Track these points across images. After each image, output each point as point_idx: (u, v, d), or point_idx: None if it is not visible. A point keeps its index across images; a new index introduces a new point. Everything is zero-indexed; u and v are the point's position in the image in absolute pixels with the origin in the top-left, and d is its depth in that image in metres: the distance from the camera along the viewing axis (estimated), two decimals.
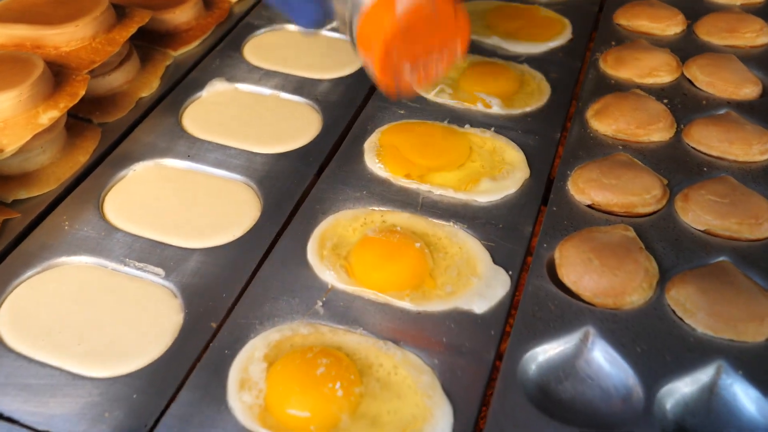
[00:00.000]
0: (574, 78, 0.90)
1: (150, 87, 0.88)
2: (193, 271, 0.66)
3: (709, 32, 0.97)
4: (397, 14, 0.55)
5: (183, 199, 0.74)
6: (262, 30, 1.00)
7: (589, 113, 0.84)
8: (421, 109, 0.84)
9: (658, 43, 0.95)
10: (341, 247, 0.68)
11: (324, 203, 0.73)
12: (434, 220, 0.71)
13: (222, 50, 0.95)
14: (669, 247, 0.68)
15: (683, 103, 0.85)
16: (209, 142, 0.80)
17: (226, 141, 0.80)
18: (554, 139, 0.81)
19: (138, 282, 0.65)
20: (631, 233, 0.68)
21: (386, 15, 0.55)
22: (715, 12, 1.01)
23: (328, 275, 0.66)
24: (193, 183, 0.76)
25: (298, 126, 0.83)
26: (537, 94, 0.87)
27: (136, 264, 0.67)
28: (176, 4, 0.97)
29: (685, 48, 0.94)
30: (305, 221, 0.71)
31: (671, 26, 0.98)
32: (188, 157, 0.79)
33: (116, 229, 0.70)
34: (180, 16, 0.97)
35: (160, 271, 0.66)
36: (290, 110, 0.85)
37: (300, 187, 0.75)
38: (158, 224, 0.71)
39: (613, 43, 0.96)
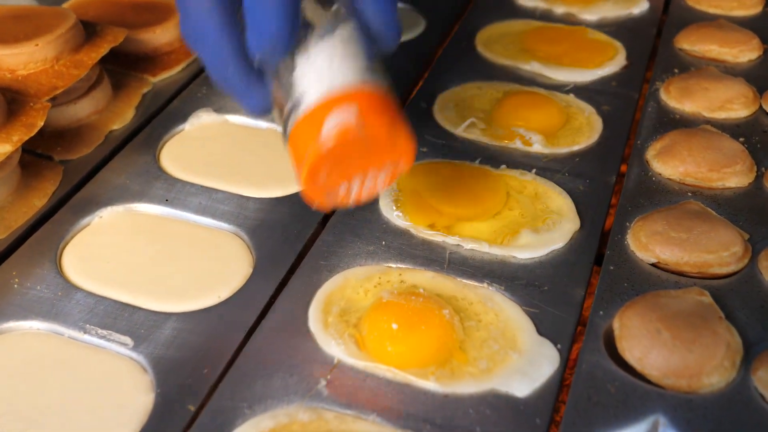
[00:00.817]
0: (631, 111, 0.89)
1: (123, 118, 0.87)
2: (167, 340, 0.64)
3: None
4: (321, 138, 0.57)
5: (158, 252, 0.71)
6: None
7: (650, 153, 0.82)
8: (448, 147, 0.83)
9: (730, 71, 0.95)
10: (350, 312, 0.66)
11: (330, 259, 0.71)
12: (464, 281, 0.69)
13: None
14: (754, 315, 0.66)
15: (763, 141, 0.84)
16: (192, 185, 0.79)
17: (212, 183, 0.79)
18: (608, 184, 0.79)
19: (100, 354, 0.63)
20: (708, 298, 0.66)
21: (312, 136, 0.57)
22: None
23: (334, 347, 0.63)
24: (171, 233, 0.74)
25: None
26: (586, 130, 0.86)
27: (99, 331, 0.64)
28: (157, 21, 0.97)
29: (764, 77, 0.94)
30: (307, 281, 0.69)
31: (745, 52, 0.97)
32: (166, 201, 0.77)
33: (76, 288, 0.68)
34: (161, 36, 0.96)
35: (128, 340, 0.64)
36: None
37: (301, 239, 0.73)
38: (127, 283, 0.69)
39: (676, 70, 0.95)
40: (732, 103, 0.88)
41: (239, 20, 0.59)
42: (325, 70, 0.58)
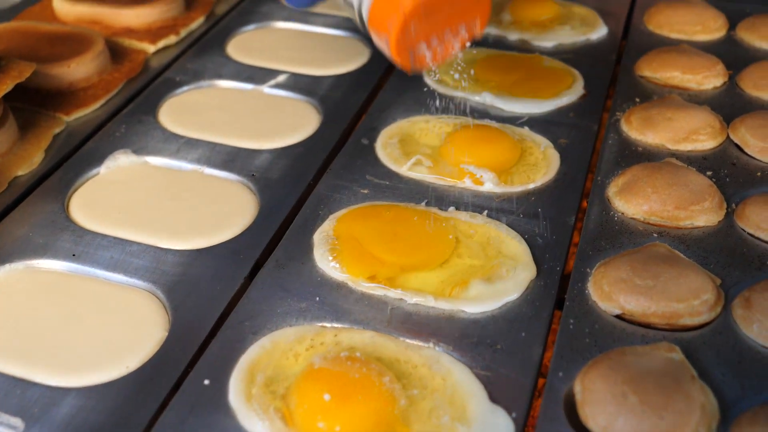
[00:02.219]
0: (590, 144, 0.85)
1: (30, 163, 0.80)
2: (64, 420, 0.57)
3: (757, 85, 0.93)
4: None
5: (60, 315, 0.65)
6: (185, 87, 0.93)
7: (612, 190, 0.77)
8: (391, 188, 0.78)
9: (694, 99, 0.91)
10: (277, 382, 0.59)
11: (256, 319, 0.64)
12: (408, 340, 0.63)
13: (131, 113, 0.89)
14: (730, 372, 0.61)
15: (732, 175, 0.80)
16: (103, 236, 0.72)
17: (126, 234, 0.73)
18: (567, 226, 0.75)
19: None
20: (679, 355, 0.60)
21: None
22: (763, 61, 0.97)
23: (258, 424, 0.56)
24: (77, 293, 0.67)
25: (225, 212, 0.75)
26: (542, 166, 0.81)
27: None
28: (73, 54, 0.91)
29: (730, 105, 0.90)
30: (228, 345, 0.62)
31: (710, 78, 0.94)
32: (73, 257, 0.70)
33: None
34: (77, 71, 0.90)
35: (18, 422, 0.57)
36: (216, 191, 0.78)
37: (224, 297, 0.66)
38: (21, 352, 0.62)
39: (638, 99, 0.91)
40: (697, 134, 0.84)
41: None
42: None
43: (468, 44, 0.73)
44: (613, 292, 0.66)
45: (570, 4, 1.11)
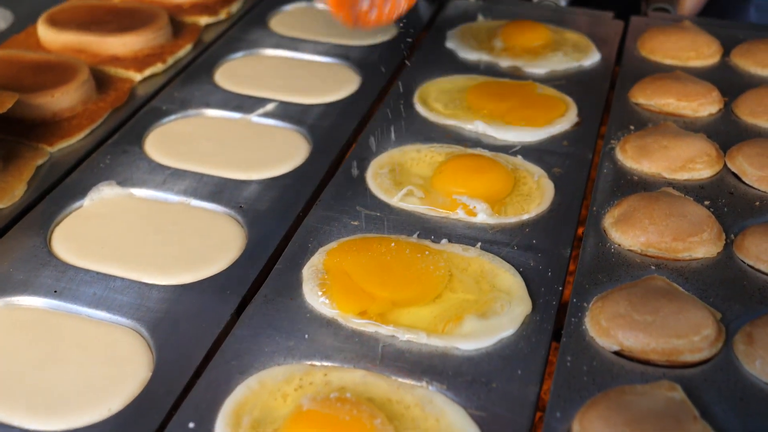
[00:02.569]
0: (585, 173, 0.84)
1: (11, 195, 0.78)
2: None
3: (754, 112, 0.92)
4: None
5: (39, 354, 0.63)
6: (172, 117, 0.92)
7: (608, 221, 0.76)
8: (382, 219, 0.77)
9: (690, 126, 0.90)
10: (265, 424, 0.58)
11: (243, 358, 0.63)
12: (400, 379, 0.61)
13: (116, 143, 0.87)
14: (732, 410, 0.59)
15: (730, 204, 0.79)
16: (86, 272, 0.71)
17: (110, 269, 0.71)
18: (563, 258, 0.73)
19: None
20: (680, 394, 0.59)
21: None
22: (759, 87, 0.96)
23: None
24: (58, 331, 0.65)
25: (212, 245, 0.74)
26: (536, 196, 0.80)
27: None
28: (58, 83, 0.89)
29: (726, 132, 0.89)
30: (214, 386, 0.60)
31: (705, 105, 0.93)
32: (55, 293, 0.68)
33: None
34: (61, 100, 0.88)
35: None
36: (203, 223, 0.77)
37: (210, 335, 0.65)
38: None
39: (632, 127, 0.90)
40: (694, 163, 0.83)
41: None
42: None
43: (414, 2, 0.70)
44: (611, 327, 0.64)
45: (562, 30, 1.10)
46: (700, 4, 1.20)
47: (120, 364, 0.62)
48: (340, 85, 0.99)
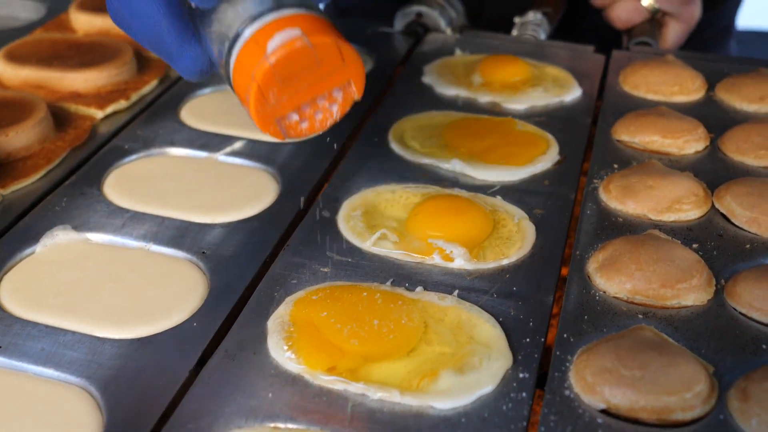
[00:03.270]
0: (567, 215, 0.81)
1: None
2: None
3: (741, 149, 0.90)
4: (267, 59, 0.60)
5: None
6: (134, 156, 0.88)
7: (592, 266, 0.73)
8: (354, 266, 0.73)
9: (675, 164, 0.88)
10: None
11: (200, 420, 0.59)
12: None
13: (73, 185, 0.83)
14: None
15: (720, 248, 0.76)
16: (35, 325, 0.66)
17: (61, 321, 0.67)
18: (545, 306, 0.70)
19: None
20: None
21: (256, 60, 0.61)
22: (745, 123, 0.93)
23: None
24: (1, 390, 0.60)
25: (172, 295, 0.70)
26: (517, 240, 0.77)
27: None
28: (11, 122, 0.85)
29: (713, 170, 0.87)
30: None
31: (691, 142, 0.90)
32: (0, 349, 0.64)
33: None
34: (15, 140, 0.84)
35: None
36: (163, 271, 0.73)
37: (166, 394, 0.60)
38: None
39: (616, 165, 0.88)
40: (681, 203, 0.80)
41: None
42: (265, 4, 0.61)
43: (348, 108, 0.67)
44: (597, 383, 0.60)
45: (542, 65, 1.08)
46: (682, 38, 1.18)
47: (66, 427, 0.58)
48: None
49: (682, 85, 1.01)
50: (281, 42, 0.60)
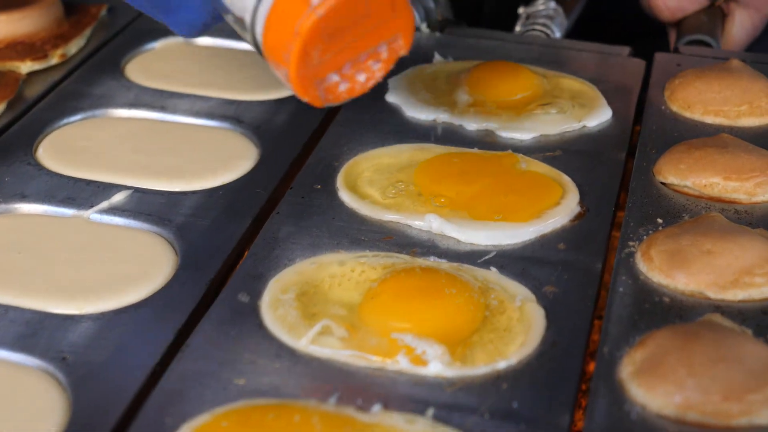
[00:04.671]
0: (591, 294, 0.83)
1: None
2: None
3: None
4: (314, 10, 0.72)
5: None
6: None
7: (627, 370, 0.74)
8: (283, 374, 0.74)
9: (744, 218, 0.90)
10: None
11: None
12: None
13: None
14: None
15: None
16: None
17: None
18: (559, 431, 0.70)
19: None
20: None
21: (299, 12, 0.72)
22: None
23: None
24: None
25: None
26: (518, 332, 0.78)
27: None
28: None
29: None
30: None
31: (765, 185, 0.93)
32: None
33: None
34: None
35: None
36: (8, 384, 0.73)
37: None
38: None
39: (660, 221, 0.90)
40: (752, 275, 0.81)
41: None
42: None
43: (391, 67, 0.80)
44: None
45: (557, 75, 1.11)
46: (753, 34, 1.21)
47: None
48: (227, 161, 0.99)
49: (753, 103, 1.04)
50: None
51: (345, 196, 0.92)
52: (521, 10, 1.22)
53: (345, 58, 0.76)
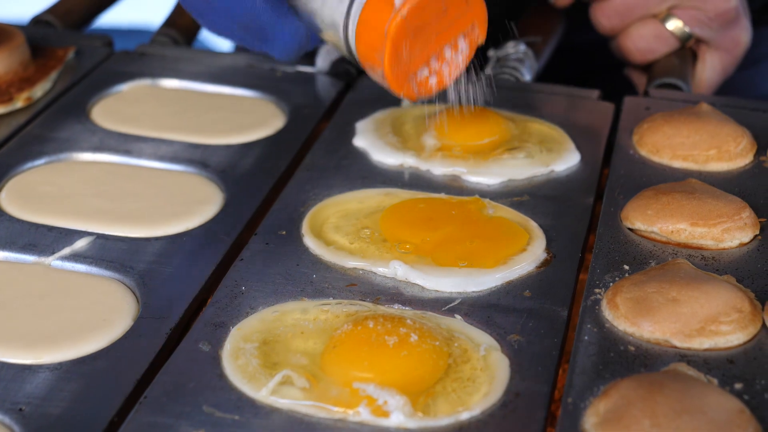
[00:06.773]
0: (556, 343, 0.83)
1: None
2: None
3: None
4: (399, 12, 0.85)
5: None
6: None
7: (590, 421, 0.73)
8: (242, 426, 0.73)
9: (711, 265, 0.90)
10: None
11: None
12: None
13: None
14: None
15: None
16: None
17: None
18: None
19: None
20: None
21: (385, 15, 0.86)
22: None
23: None
24: None
25: None
26: (483, 382, 0.78)
27: None
28: None
29: (766, 273, 0.89)
30: None
31: (733, 231, 0.93)
32: None
33: None
34: None
35: None
36: None
37: None
38: None
39: (626, 267, 0.90)
40: (718, 323, 0.81)
41: None
42: None
43: (473, 55, 0.94)
44: None
45: (526, 119, 1.12)
46: (723, 76, 1.21)
47: None
48: (192, 206, 0.98)
49: (721, 148, 1.04)
50: None
51: (310, 242, 0.92)
52: (491, 53, 1.22)
53: (430, 52, 0.90)
